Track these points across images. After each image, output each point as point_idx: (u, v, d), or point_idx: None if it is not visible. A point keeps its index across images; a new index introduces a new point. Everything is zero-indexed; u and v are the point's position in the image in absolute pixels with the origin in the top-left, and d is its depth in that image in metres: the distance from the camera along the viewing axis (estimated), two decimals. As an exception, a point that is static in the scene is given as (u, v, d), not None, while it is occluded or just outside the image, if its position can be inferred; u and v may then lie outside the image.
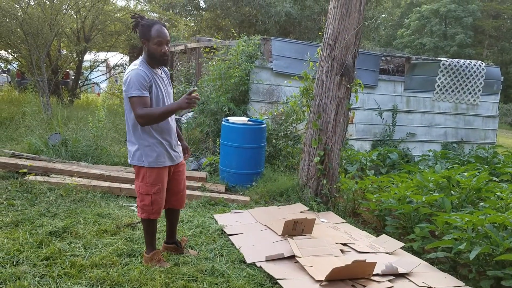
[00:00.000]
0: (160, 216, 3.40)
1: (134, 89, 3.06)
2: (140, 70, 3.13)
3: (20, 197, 4.68)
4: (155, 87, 3.20)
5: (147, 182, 3.27)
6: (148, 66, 3.22)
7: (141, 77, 3.10)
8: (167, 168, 3.36)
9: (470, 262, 3.57)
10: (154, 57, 3.20)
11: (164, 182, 3.35)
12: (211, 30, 21.69)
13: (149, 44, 3.17)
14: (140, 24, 3.21)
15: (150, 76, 3.17)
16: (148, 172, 3.26)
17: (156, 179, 3.28)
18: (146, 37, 3.17)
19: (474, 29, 31.37)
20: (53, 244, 3.51)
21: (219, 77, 7.90)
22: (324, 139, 5.30)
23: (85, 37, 12.14)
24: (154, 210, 3.31)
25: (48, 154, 6.23)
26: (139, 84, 3.07)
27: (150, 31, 3.16)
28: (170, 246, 3.67)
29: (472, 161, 7.52)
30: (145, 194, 3.28)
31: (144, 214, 3.32)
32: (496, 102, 10.38)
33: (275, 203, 5.42)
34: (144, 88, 3.09)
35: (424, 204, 4.46)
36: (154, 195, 3.27)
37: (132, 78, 3.08)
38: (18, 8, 9.27)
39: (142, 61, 3.23)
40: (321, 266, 3.39)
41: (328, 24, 5.27)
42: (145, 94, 3.09)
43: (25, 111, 8.40)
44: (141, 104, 3.05)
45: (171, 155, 3.36)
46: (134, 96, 3.06)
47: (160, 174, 3.29)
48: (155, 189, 3.27)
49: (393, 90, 9.44)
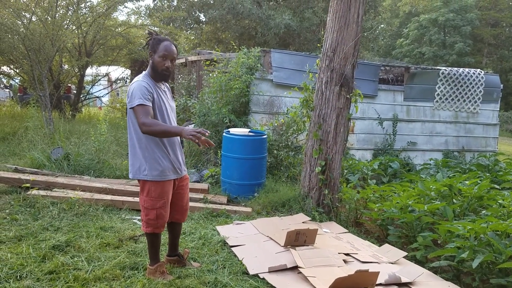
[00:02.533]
0: (162, 231, 3.41)
1: (137, 99, 3.08)
2: (142, 82, 3.17)
3: (23, 211, 4.70)
4: (158, 99, 3.23)
5: (152, 196, 3.25)
6: (151, 80, 3.26)
7: (144, 88, 3.13)
8: (172, 181, 3.37)
9: (473, 271, 3.56)
10: (156, 70, 3.25)
11: (169, 195, 3.35)
12: (211, 43, 21.85)
13: (155, 57, 3.23)
14: (152, 38, 3.29)
15: (153, 89, 3.20)
16: (154, 186, 3.25)
17: (161, 193, 3.27)
18: (153, 49, 3.24)
19: (473, 37, 31.52)
20: (56, 258, 3.52)
21: (219, 89, 7.95)
22: (325, 149, 5.32)
23: (86, 51, 12.25)
24: (159, 224, 3.31)
25: (50, 168, 6.26)
26: (142, 94, 3.09)
27: (159, 44, 3.23)
28: (172, 259, 3.67)
29: (474, 169, 7.53)
30: (150, 208, 3.26)
31: (149, 228, 3.31)
32: (496, 110, 10.41)
33: (277, 214, 5.42)
34: (147, 98, 3.10)
35: (426, 213, 4.46)
36: (159, 209, 3.26)
37: (135, 89, 3.12)
38: (20, 24, 9.37)
39: (145, 75, 3.29)
40: (324, 277, 3.39)
41: (327, 36, 5.32)
42: (148, 103, 3.09)
43: (28, 126, 8.45)
44: (144, 113, 3.04)
45: (176, 168, 3.36)
46: (137, 105, 3.06)
47: (165, 188, 3.29)
48: (160, 203, 3.27)
49: (393, 99, 9.48)
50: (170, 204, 3.40)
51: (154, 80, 3.27)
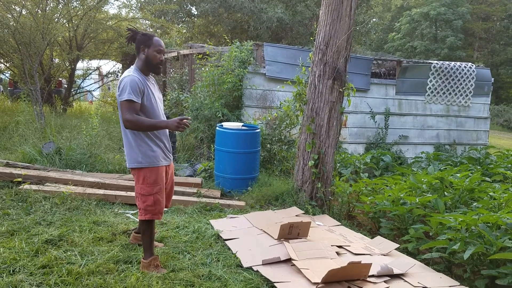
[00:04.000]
0: (161, 218, 3.53)
1: (126, 94, 3.20)
2: (134, 77, 3.28)
3: (15, 206, 4.67)
4: (148, 92, 3.35)
5: (148, 183, 3.38)
6: (141, 74, 3.39)
7: (135, 83, 3.24)
8: (164, 168, 3.52)
9: (464, 262, 3.61)
10: (152, 63, 3.40)
11: (164, 181, 3.49)
12: (203, 37, 21.76)
13: (149, 51, 3.38)
14: (141, 33, 3.44)
15: (143, 83, 3.33)
16: (149, 172, 3.38)
17: (156, 179, 3.41)
18: (147, 44, 3.38)
19: (464, 31, 31.70)
20: (49, 253, 3.51)
21: (212, 83, 7.93)
22: (318, 143, 5.34)
23: (77, 45, 12.14)
24: (157, 210, 3.43)
25: (42, 163, 6.21)
26: (132, 89, 3.21)
27: (151, 39, 3.40)
28: (139, 235, 3.76)
29: (465, 162, 7.60)
30: (147, 194, 3.38)
31: (148, 215, 3.40)
32: (487, 104, 10.50)
33: (271, 207, 5.44)
34: (137, 94, 3.24)
35: (418, 206, 4.50)
36: (156, 195, 3.40)
37: (126, 84, 3.23)
38: (10, 18, 9.25)
39: (135, 69, 3.40)
40: (317, 269, 3.41)
41: (320, 29, 5.33)
42: (136, 100, 3.23)
43: (19, 120, 8.37)
44: (131, 109, 3.20)
45: (166, 155, 3.53)
46: (125, 100, 3.20)
47: (159, 173, 3.43)
48: (156, 189, 3.40)
49: (385, 93, 9.52)
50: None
51: (144, 74, 3.41)
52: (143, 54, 3.40)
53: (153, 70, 3.44)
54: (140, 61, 3.42)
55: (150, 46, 3.38)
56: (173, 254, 3.73)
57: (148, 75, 3.47)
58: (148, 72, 3.45)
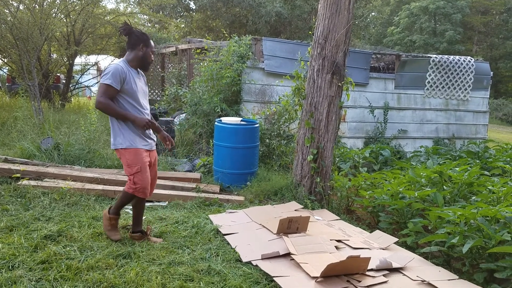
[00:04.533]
0: (146, 197, 3.76)
1: (107, 78, 3.48)
2: (119, 66, 3.57)
3: (14, 202, 4.67)
4: (131, 80, 3.61)
5: (129, 164, 3.66)
6: (129, 66, 3.67)
7: (118, 71, 3.52)
8: (144, 151, 3.73)
9: (463, 256, 3.62)
10: (146, 61, 3.74)
11: (144, 163, 3.69)
12: (201, 31, 21.68)
13: (147, 50, 3.70)
14: (141, 32, 3.70)
15: (127, 72, 3.60)
16: (127, 153, 3.66)
17: (134, 159, 3.65)
18: (146, 44, 3.69)
19: (463, 25, 31.62)
20: (49, 248, 3.51)
21: (211, 78, 7.91)
22: (317, 138, 5.33)
23: (75, 40, 12.09)
24: (138, 188, 3.68)
25: (41, 159, 6.20)
26: (113, 76, 3.49)
27: (149, 40, 3.72)
28: (136, 235, 3.88)
29: (464, 156, 7.61)
30: (129, 175, 3.69)
31: (130, 190, 3.71)
32: (486, 97, 10.50)
33: (270, 202, 5.44)
34: (117, 81, 3.51)
35: (416, 200, 4.51)
36: (136, 175, 3.65)
37: (110, 70, 3.52)
38: (8, 13, 9.21)
39: (124, 61, 3.69)
40: (316, 263, 3.42)
41: (318, 23, 5.30)
42: (115, 86, 3.50)
43: (17, 116, 8.35)
44: (106, 92, 3.49)
45: (145, 141, 3.76)
46: (105, 84, 3.48)
47: (138, 155, 3.66)
48: (135, 169, 3.65)
49: (384, 87, 9.51)
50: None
51: (131, 67, 3.68)
52: (140, 51, 3.67)
53: (145, 67, 3.79)
54: (133, 56, 3.68)
55: (148, 46, 3.69)
56: (173, 249, 3.73)
57: (136, 69, 3.74)
58: (137, 67, 3.74)
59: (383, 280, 3.24)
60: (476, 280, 3.42)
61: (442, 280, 3.32)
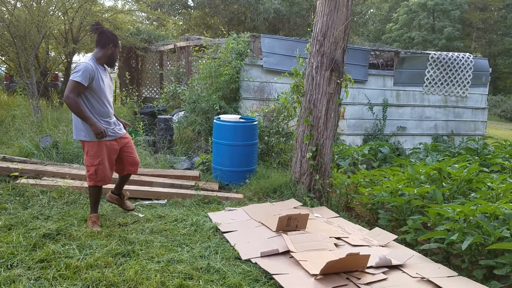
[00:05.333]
0: (105, 184, 4.11)
1: (78, 76, 3.78)
2: (89, 64, 3.88)
3: (12, 200, 4.66)
4: (99, 78, 3.94)
5: (91, 155, 4.01)
6: (97, 64, 4.00)
7: (88, 69, 3.84)
8: (107, 143, 4.05)
9: (462, 252, 3.62)
10: (114, 59, 4.15)
11: (105, 156, 4.04)
12: (200, 29, 21.65)
13: (115, 50, 4.10)
14: (111, 33, 4.10)
15: (95, 70, 3.92)
16: (90, 146, 3.99)
17: (97, 152, 4.00)
18: (115, 44, 4.08)
19: (462, 22, 31.58)
20: (47, 247, 3.50)
21: (209, 76, 7.89)
22: (316, 135, 5.33)
23: (73, 38, 12.05)
24: (99, 178, 4.04)
25: (39, 157, 6.19)
26: (83, 74, 3.80)
27: (118, 41, 4.14)
28: (114, 196, 4.51)
29: (463, 152, 7.60)
30: (90, 165, 4.02)
31: (91, 182, 4.06)
32: (485, 94, 10.49)
33: (269, 200, 5.44)
34: (86, 79, 3.81)
35: (416, 197, 4.50)
36: (97, 166, 4.00)
37: (80, 68, 3.83)
38: (5, 11, 9.18)
39: (92, 59, 4.01)
40: (316, 260, 3.42)
41: (317, 20, 5.29)
42: (84, 83, 3.80)
43: (15, 114, 8.33)
44: (75, 89, 3.78)
45: (109, 132, 4.05)
46: (75, 81, 3.77)
47: (100, 148, 4.00)
48: (97, 161, 4.00)
49: (383, 84, 9.50)
50: (122, 160, 4.28)
51: (99, 64, 4.02)
52: (109, 50, 4.04)
53: (111, 64, 4.21)
54: (102, 54, 4.03)
55: (117, 46, 4.09)
56: (172, 247, 3.72)
57: (103, 65, 4.10)
58: (104, 63, 4.10)
59: (382, 277, 3.24)
60: (475, 276, 3.42)
61: (441, 277, 3.32)
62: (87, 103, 3.93)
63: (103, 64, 4.09)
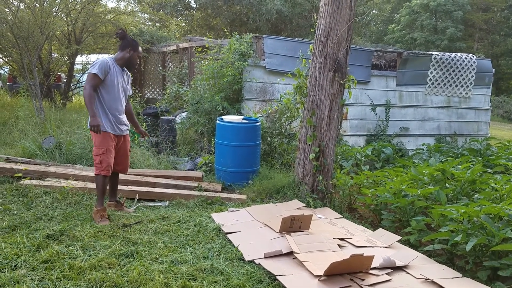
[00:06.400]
0: (109, 174, 4.31)
1: (95, 68, 4.12)
2: (106, 60, 4.22)
3: (16, 201, 4.67)
4: (114, 75, 4.25)
5: (96, 145, 4.26)
6: (115, 63, 4.33)
7: (104, 63, 4.17)
8: (111, 135, 4.31)
9: (466, 254, 3.60)
10: (131, 63, 4.46)
11: (109, 146, 4.29)
12: (202, 30, 21.67)
13: (134, 54, 4.40)
14: (131, 38, 4.42)
15: (112, 66, 4.24)
16: (95, 136, 4.23)
17: (101, 142, 4.24)
18: (134, 48, 4.39)
19: (464, 22, 31.50)
20: (51, 247, 3.50)
21: (212, 76, 7.90)
22: (319, 136, 5.32)
23: (76, 39, 12.07)
24: (104, 167, 4.25)
25: (42, 158, 6.20)
26: (100, 67, 4.13)
27: (138, 46, 4.45)
28: (111, 203, 4.68)
29: (466, 153, 7.57)
30: (96, 155, 4.27)
31: (97, 171, 4.27)
32: (488, 95, 10.46)
33: (272, 201, 5.43)
34: (102, 72, 4.14)
35: (419, 198, 4.49)
36: (102, 155, 4.24)
37: (98, 62, 4.18)
38: (8, 12, 9.19)
39: (111, 58, 4.36)
40: (320, 261, 3.41)
41: (320, 21, 5.29)
42: (100, 76, 4.12)
43: (18, 115, 8.35)
44: (91, 80, 4.11)
45: (114, 126, 4.34)
46: (92, 73, 4.12)
47: (104, 138, 4.25)
48: (101, 151, 4.25)
49: (386, 85, 9.48)
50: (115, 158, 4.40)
51: (118, 65, 4.35)
52: (127, 54, 4.37)
53: (129, 67, 4.49)
54: (121, 56, 4.37)
55: (136, 50, 4.40)
56: (175, 248, 3.72)
57: (122, 68, 4.40)
58: (123, 66, 4.41)
59: (386, 279, 3.23)
60: (479, 278, 3.41)
61: (445, 278, 3.31)
62: (100, 96, 4.25)
63: (122, 66, 4.41)
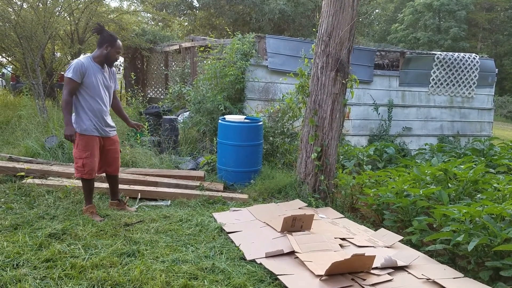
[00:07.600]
0: (92, 177, 4.26)
1: (69, 72, 4.02)
2: (80, 61, 4.09)
3: (19, 200, 4.68)
4: (92, 76, 4.12)
5: (79, 148, 4.17)
6: (93, 62, 4.18)
7: (80, 66, 4.04)
8: (96, 138, 4.24)
9: (468, 254, 3.60)
10: (110, 60, 4.26)
11: (94, 150, 4.21)
12: (205, 29, 21.68)
13: (111, 50, 4.21)
14: (109, 33, 4.23)
15: (88, 67, 4.10)
16: (80, 139, 4.15)
17: (86, 146, 4.17)
18: (111, 44, 4.19)
19: (468, 22, 31.43)
20: (53, 246, 3.51)
21: (214, 76, 7.90)
22: (321, 135, 5.32)
23: (79, 39, 12.10)
24: (86, 171, 4.19)
25: (45, 157, 6.22)
26: (74, 71, 4.02)
27: (115, 41, 4.22)
28: (114, 202, 4.70)
29: (469, 153, 7.55)
30: (78, 158, 4.19)
31: (78, 174, 4.23)
32: (491, 95, 10.43)
33: (274, 200, 5.43)
34: (78, 75, 4.03)
35: (421, 197, 4.48)
36: (85, 159, 4.16)
37: (72, 65, 4.06)
38: (11, 12, 9.23)
39: (89, 57, 4.21)
40: (321, 261, 3.41)
41: (322, 20, 5.28)
42: (76, 79, 4.02)
43: (21, 114, 8.38)
44: (67, 85, 4.04)
45: (99, 129, 4.25)
46: (67, 77, 4.02)
47: (89, 142, 4.18)
48: (85, 154, 4.16)
49: (388, 85, 9.47)
50: (103, 160, 4.41)
51: (96, 63, 4.19)
52: (105, 50, 4.19)
53: (108, 64, 4.30)
54: (98, 53, 4.20)
55: (113, 46, 4.19)
56: (177, 247, 3.73)
57: (102, 65, 4.23)
58: (102, 63, 4.23)
59: (388, 279, 3.23)
60: (481, 278, 3.40)
61: (447, 278, 3.31)
62: (81, 98, 4.14)
63: (102, 64, 4.24)
